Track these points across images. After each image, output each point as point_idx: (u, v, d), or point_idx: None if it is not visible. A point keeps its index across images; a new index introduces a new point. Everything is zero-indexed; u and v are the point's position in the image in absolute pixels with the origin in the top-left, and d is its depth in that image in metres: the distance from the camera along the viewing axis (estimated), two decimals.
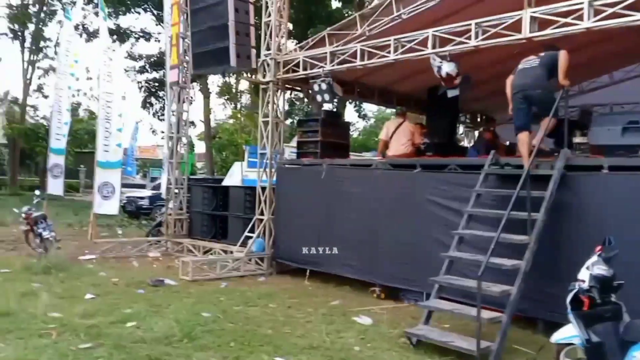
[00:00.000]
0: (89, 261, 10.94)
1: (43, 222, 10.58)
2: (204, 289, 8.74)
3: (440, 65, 8.01)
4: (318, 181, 9.56)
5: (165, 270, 10.34)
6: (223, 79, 31.36)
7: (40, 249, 10.60)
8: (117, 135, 15.32)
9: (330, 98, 9.55)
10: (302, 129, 10.79)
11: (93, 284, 8.63)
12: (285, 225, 10.22)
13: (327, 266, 9.44)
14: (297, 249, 9.86)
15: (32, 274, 9.13)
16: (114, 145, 15.22)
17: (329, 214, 9.38)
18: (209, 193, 12.77)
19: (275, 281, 9.78)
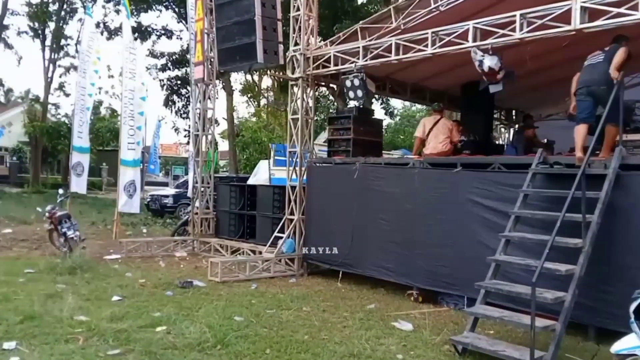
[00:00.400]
0: (114, 261, 10.72)
1: (67, 221, 10.39)
2: (234, 291, 8.46)
3: (482, 59, 7.61)
4: (351, 180, 9.21)
5: (193, 271, 10.07)
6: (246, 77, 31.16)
7: (65, 248, 10.42)
8: (138, 133, 15.23)
9: (363, 94, 9.18)
10: (333, 127, 10.45)
11: (119, 285, 8.39)
12: (316, 226, 9.89)
13: (360, 268, 9.10)
14: (329, 249, 9.55)
15: (57, 274, 8.92)
16: (135, 144, 15.12)
17: (362, 214, 9.03)
18: (236, 192, 12.49)
19: (307, 283, 9.45)
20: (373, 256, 8.89)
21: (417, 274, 8.27)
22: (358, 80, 9.11)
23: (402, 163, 8.73)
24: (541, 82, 12.48)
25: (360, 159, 9.27)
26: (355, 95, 9.28)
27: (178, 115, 31.23)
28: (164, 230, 16.70)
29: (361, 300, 8.31)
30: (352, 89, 9.24)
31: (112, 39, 30.58)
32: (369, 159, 9.17)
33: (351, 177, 9.19)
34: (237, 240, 12.15)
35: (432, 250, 8.10)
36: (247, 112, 39.87)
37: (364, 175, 9.05)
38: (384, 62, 8.93)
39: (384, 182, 8.78)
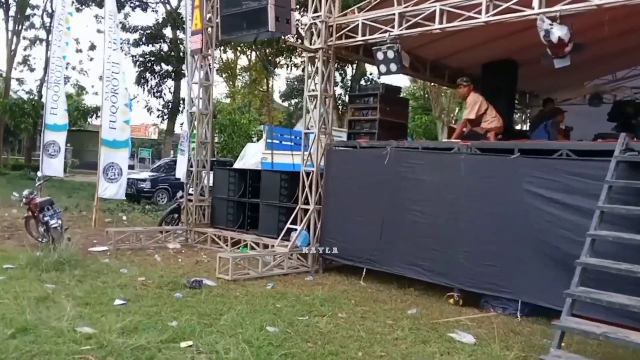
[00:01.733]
0: (102, 254, 9.45)
1: (50, 208, 9.06)
2: (250, 292, 7.36)
3: (550, 28, 6.62)
4: (380, 167, 8.17)
5: (195, 267, 8.90)
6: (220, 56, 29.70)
7: (45, 239, 9.11)
8: (125, 111, 13.87)
9: (397, 68, 8.13)
10: (355, 106, 9.35)
11: (118, 285, 7.18)
12: (335, 217, 8.83)
13: (388, 265, 8.10)
14: (351, 244, 8.53)
15: (41, 270, 7.63)
16: (121, 122, 13.76)
17: (393, 205, 8.01)
18: (235, 177, 11.30)
19: (326, 281, 8.40)
20: (404, 252, 7.89)
21: (459, 273, 7.32)
22: (393, 52, 8.05)
23: (444, 148, 7.70)
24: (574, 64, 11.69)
25: (391, 142, 8.23)
26: (387, 70, 8.22)
27: (151, 94, 29.69)
28: (145, 218, 15.38)
29: (395, 303, 7.32)
30: (385, 62, 8.17)
31: (81, 11, 28.69)
32: (402, 143, 8.14)
33: (380, 162, 8.15)
34: (237, 230, 10.99)
35: (479, 248, 7.16)
36: (218, 93, 38.09)
37: (396, 161, 8.02)
38: (425, 32, 7.86)
39: (421, 168, 7.77)
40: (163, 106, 29.66)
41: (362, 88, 9.66)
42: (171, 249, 10.53)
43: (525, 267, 6.74)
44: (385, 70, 8.26)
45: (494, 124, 8.16)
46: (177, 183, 20.14)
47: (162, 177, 20.14)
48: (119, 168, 13.32)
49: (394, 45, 8.04)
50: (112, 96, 13.32)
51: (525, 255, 6.75)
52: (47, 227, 9.02)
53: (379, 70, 8.35)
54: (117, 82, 13.44)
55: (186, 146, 11.38)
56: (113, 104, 13.29)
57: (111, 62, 13.32)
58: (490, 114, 8.19)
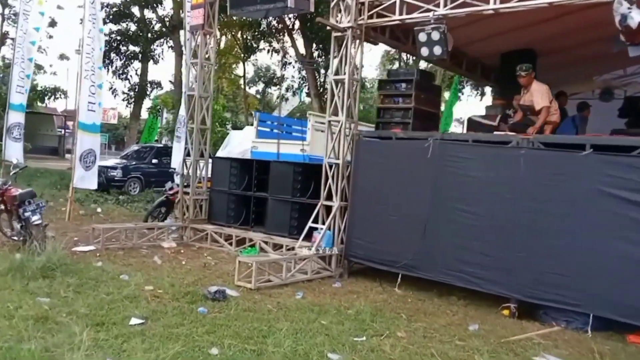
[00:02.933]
0: (91, 255, 8.24)
1: (31, 202, 7.75)
2: (281, 304, 6.35)
3: (629, 12, 5.82)
4: (420, 161, 7.27)
5: (203, 271, 7.79)
6: None
7: (21, 237, 7.83)
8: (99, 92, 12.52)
9: (442, 52, 7.23)
10: (386, 92, 8.37)
11: (126, 297, 6.02)
12: (364, 216, 7.89)
13: (429, 271, 7.22)
14: (383, 246, 7.62)
15: (27, 278, 6.39)
16: (99, 105, 12.43)
17: (436, 204, 7.13)
18: (237, 168, 10.17)
19: (357, 288, 7.46)
20: (450, 258, 7.03)
21: (517, 282, 6.51)
22: (438, 33, 7.14)
23: (500, 141, 6.82)
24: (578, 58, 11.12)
25: (434, 133, 7.34)
26: (430, 53, 7.32)
27: (116, 76, 27.93)
28: (121, 210, 14.03)
29: (448, 316, 6.46)
30: (429, 44, 7.26)
31: None
32: (448, 134, 7.25)
33: (421, 156, 7.23)
34: (239, 227, 9.90)
35: (542, 254, 6.36)
36: None
37: (440, 155, 7.12)
38: (476, 12, 6.95)
39: (470, 164, 6.89)
40: (129, 89, 27.91)
41: (393, 73, 8.61)
42: (166, 248, 9.37)
43: (602, 277, 5.98)
44: (427, 54, 7.36)
45: (554, 117, 7.32)
46: (151, 172, 18.85)
47: (133, 165, 18.69)
48: (94, 155, 11.99)
49: (440, 26, 7.13)
50: (92, 75, 11.96)
51: (601, 265, 5.99)
52: (25, 224, 7.72)
53: (420, 53, 7.42)
54: (94, 58, 12.10)
55: (183, 132, 10.15)
56: (93, 83, 11.93)
57: (92, 37, 11.94)
58: (553, 106, 7.36)
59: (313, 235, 8.00)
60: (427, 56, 7.36)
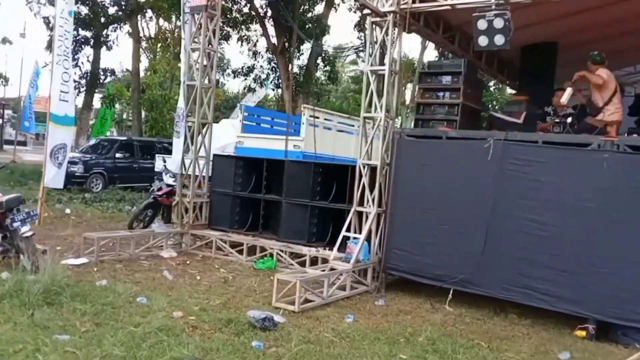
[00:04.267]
0: (86, 270, 7.02)
1: (20, 210, 6.47)
2: (339, 331, 5.44)
3: None
4: (478, 163, 6.51)
5: (223, 287, 6.75)
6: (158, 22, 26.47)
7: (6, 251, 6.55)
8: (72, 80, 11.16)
9: (505, 41, 6.45)
10: (427, 86, 7.52)
11: (160, 329, 4.91)
12: (407, 224, 7.05)
13: (488, 287, 6.48)
14: (433, 259, 6.80)
15: (28, 305, 5.20)
16: (72, 94, 11.07)
17: (499, 212, 6.38)
18: (243, 168, 9.10)
19: (404, 306, 6.62)
20: (513, 272, 6.30)
21: (597, 301, 5.85)
22: (502, 20, 6.35)
23: (577, 143, 6.10)
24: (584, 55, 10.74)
25: (495, 133, 6.56)
26: (490, 42, 6.54)
27: None
28: (93, 211, 12.63)
29: (524, 340, 5.74)
30: (489, 32, 6.49)
31: None
32: (512, 134, 6.47)
33: (479, 158, 6.46)
34: (246, 233, 8.86)
35: (629, 270, 5.70)
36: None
37: (503, 158, 6.36)
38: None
39: (540, 168, 6.17)
40: (80, 77, 25.89)
41: (434, 64, 7.77)
42: (167, 258, 8.23)
43: None
44: (486, 43, 6.57)
45: (615, 116, 6.65)
46: (115, 167, 17.33)
47: (95, 160, 17.13)
48: (66, 150, 10.65)
49: (504, 12, 6.34)
50: (65, 60, 10.56)
51: None
52: (11, 236, 6.44)
53: (478, 42, 6.62)
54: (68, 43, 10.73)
55: (182, 127, 8.95)
56: (65, 70, 10.53)
57: (64, 18, 10.53)
58: (615, 103, 6.66)
59: (348, 246, 7.08)
60: (486, 46, 6.57)
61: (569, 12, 8.48)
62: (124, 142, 18.49)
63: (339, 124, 13.70)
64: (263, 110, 18.85)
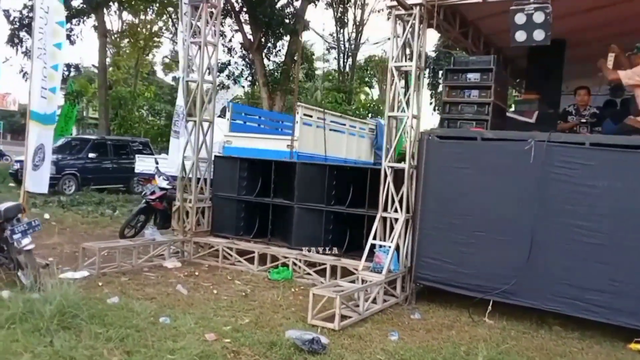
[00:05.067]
0: (90, 284, 6.35)
1: (19, 220, 5.76)
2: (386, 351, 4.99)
3: None
4: (518, 166, 6.14)
5: (245, 302, 6.19)
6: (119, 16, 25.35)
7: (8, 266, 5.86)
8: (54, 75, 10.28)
9: (544, 37, 6.10)
10: (453, 83, 7.12)
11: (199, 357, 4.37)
12: (439, 231, 6.62)
13: (533, 299, 6.11)
14: (469, 268, 6.40)
15: (44, 331, 4.55)
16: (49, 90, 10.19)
17: (544, 219, 6.01)
18: (248, 170, 8.52)
19: (441, 320, 6.18)
20: (561, 283, 5.94)
21: None
22: (543, 14, 6.00)
23: (629, 145, 5.78)
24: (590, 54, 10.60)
25: (536, 134, 6.19)
26: (529, 38, 6.17)
27: (27, 57, 24.52)
28: (73, 216, 11.80)
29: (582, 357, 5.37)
30: (527, 27, 6.13)
31: None
32: (556, 135, 6.12)
33: (520, 161, 6.10)
34: (254, 240, 8.30)
35: None
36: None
37: (547, 160, 6.00)
38: None
39: (589, 171, 5.83)
40: None
41: (459, 61, 7.36)
42: (171, 268, 7.60)
43: None
44: (524, 39, 6.20)
45: None
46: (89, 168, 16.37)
47: (67, 161, 16.17)
48: (44, 151, 9.79)
49: (545, 5, 5.99)
50: (44, 54, 9.69)
51: None
52: (8, 249, 5.73)
53: (514, 38, 6.25)
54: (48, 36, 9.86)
55: (182, 126, 8.28)
56: (45, 64, 9.66)
57: (45, 8, 9.66)
58: None
59: (376, 255, 6.62)
60: (524, 41, 6.20)
61: (580, 9, 8.25)
62: (97, 141, 17.55)
63: (332, 123, 13.25)
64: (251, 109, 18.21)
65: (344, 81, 28.94)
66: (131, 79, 31.88)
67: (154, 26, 28.64)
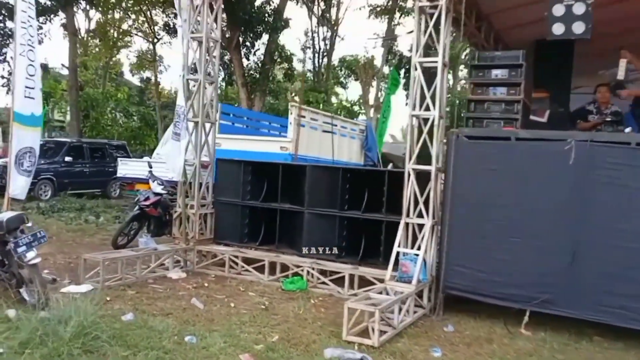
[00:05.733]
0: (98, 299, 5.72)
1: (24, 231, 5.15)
2: None
3: None
4: (557, 168, 5.82)
5: (267, 316, 5.71)
6: None
7: None
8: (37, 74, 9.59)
9: (585, 30, 5.82)
10: (479, 80, 6.76)
11: None
12: (470, 238, 6.24)
13: (574, 308, 5.74)
14: (503, 277, 6.03)
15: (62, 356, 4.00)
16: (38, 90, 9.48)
17: (586, 223, 5.69)
18: (252, 174, 8.01)
19: (476, 332, 5.80)
20: (604, 291, 5.61)
21: None
22: (584, 5, 5.73)
23: None
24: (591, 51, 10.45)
25: (576, 133, 5.90)
26: (567, 30, 5.91)
27: None
28: (57, 224, 11.08)
29: None
30: (566, 19, 5.87)
31: None
32: (598, 135, 5.83)
33: (559, 162, 5.77)
34: (261, 248, 7.80)
35: None
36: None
37: (589, 161, 5.68)
38: None
39: (635, 173, 5.54)
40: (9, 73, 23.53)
41: (485, 56, 6.99)
42: (177, 279, 7.05)
43: None
44: (562, 32, 5.93)
45: None
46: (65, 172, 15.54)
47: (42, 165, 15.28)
48: (34, 155, 9.10)
49: None
50: (30, 51, 9.00)
51: None
52: (9, 262, 5.11)
53: (552, 30, 5.95)
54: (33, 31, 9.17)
55: (183, 127, 7.71)
56: (31, 62, 8.97)
57: (27, 2, 8.98)
58: None
59: (402, 263, 6.20)
60: (562, 34, 5.91)
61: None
62: (73, 144, 16.69)
63: (324, 124, 12.82)
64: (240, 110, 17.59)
65: (319, 81, 28.53)
66: (99, 79, 30.81)
67: (122, 24, 27.75)
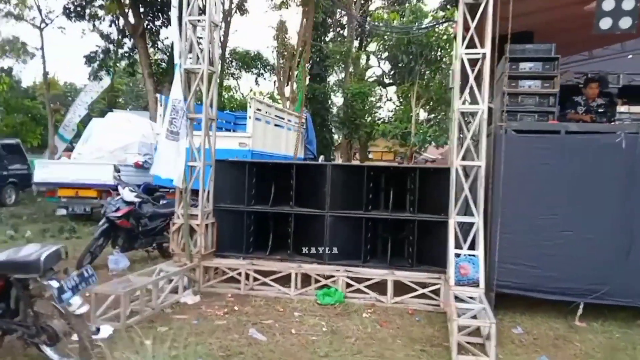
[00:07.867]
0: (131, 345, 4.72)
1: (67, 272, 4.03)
2: None
3: None
4: (608, 161, 5.84)
5: (343, 342, 5.10)
6: None
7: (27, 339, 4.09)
8: None
9: (631, 25, 5.81)
10: (513, 73, 6.54)
11: None
12: (521, 234, 6.06)
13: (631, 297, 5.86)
14: (558, 272, 5.98)
15: None
16: None
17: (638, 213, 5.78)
18: (256, 176, 7.19)
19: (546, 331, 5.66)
20: None
21: None
22: (634, 1, 5.72)
23: None
24: None
25: (626, 125, 5.91)
26: (614, 25, 5.85)
27: None
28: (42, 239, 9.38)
29: None
30: (615, 14, 5.80)
31: None
32: None
33: (609, 155, 5.81)
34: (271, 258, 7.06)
35: None
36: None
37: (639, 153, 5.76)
38: None
39: None
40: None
41: (513, 49, 6.74)
42: (192, 304, 6.12)
43: None
44: (609, 26, 5.87)
45: None
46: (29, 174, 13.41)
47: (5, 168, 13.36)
48: None
49: None
50: None
51: None
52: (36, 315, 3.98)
53: (598, 25, 5.89)
54: None
55: (182, 125, 6.63)
56: None
57: None
58: None
59: (461, 265, 5.89)
60: (609, 29, 5.85)
61: (553, 6, 8.22)
62: None
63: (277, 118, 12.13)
64: None
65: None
66: None
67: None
